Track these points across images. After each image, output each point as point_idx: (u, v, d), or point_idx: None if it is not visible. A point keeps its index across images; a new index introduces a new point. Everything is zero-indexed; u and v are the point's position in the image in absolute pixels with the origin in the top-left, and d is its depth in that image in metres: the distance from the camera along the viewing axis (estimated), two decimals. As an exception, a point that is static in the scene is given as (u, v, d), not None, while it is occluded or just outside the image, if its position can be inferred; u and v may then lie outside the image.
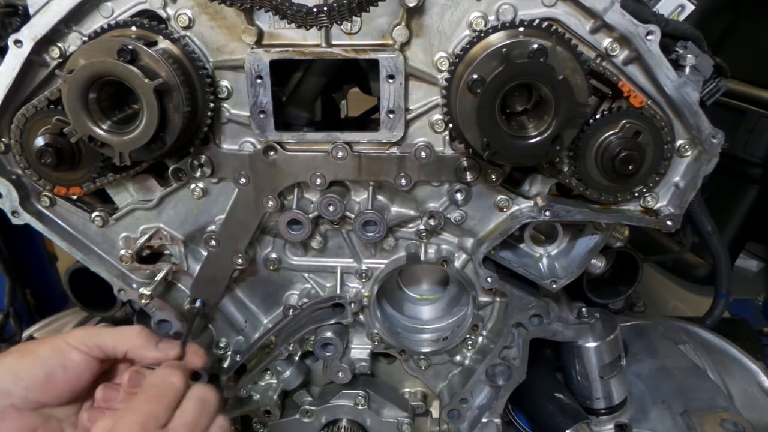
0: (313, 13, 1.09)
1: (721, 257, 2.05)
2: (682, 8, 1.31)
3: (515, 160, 1.24)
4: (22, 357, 1.13)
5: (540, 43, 1.07)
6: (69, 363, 1.14)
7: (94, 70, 1.14)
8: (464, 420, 1.63)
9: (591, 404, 1.65)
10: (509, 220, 1.38)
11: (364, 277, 1.51)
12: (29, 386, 1.11)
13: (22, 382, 1.10)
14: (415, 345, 1.57)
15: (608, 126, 1.21)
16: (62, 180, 1.36)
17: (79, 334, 1.17)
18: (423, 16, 1.20)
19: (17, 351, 1.15)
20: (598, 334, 1.59)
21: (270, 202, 1.38)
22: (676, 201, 1.31)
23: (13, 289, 2.31)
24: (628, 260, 1.65)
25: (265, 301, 1.60)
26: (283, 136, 1.32)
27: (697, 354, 1.89)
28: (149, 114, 1.15)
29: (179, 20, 1.23)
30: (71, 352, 1.15)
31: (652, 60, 1.17)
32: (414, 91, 1.27)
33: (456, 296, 1.61)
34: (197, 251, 1.50)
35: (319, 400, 1.66)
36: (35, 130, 1.29)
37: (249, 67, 1.24)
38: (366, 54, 1.22)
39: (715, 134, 1.23)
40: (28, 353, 1.14)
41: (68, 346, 1.15)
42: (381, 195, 1.42)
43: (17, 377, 1.10)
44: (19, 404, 1.11)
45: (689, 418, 1.61)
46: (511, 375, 1.56)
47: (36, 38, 1.22)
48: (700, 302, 2.44)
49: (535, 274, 1.43)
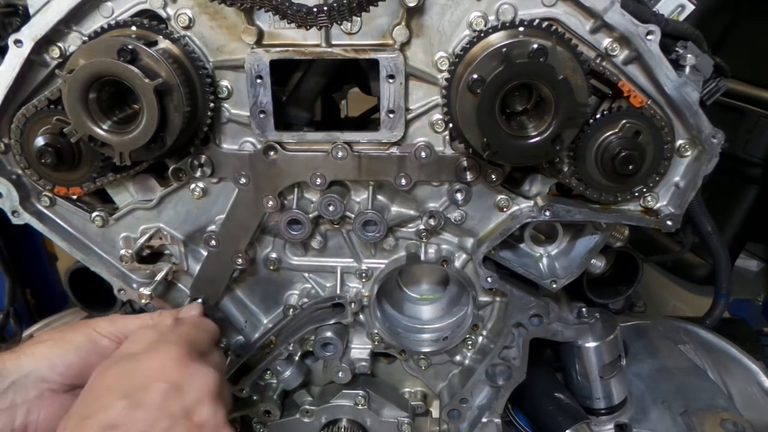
0: (313, 13, 1.09)
1: (721, 257, 2.05)
2: (682, 8, 1.31)
3: (515, 160, 1.24)
4: (55, 345, 1.20)
5: (540, 43, 1.07)
6: (101, 350, 1.20)
7: (94, 70, 1.14)
8: (464, 420, 1.63)
9: (591, 404, 1.65)
10: (509, 220, 1.38)
11: (364, 277, 1.51)
12: (64, 372, 1.17)
13: (57, 369, 1.17)
14: (415, 345, 1.57)
15: (608, 126, 1.21)
16: (62, 180, 1.36)
17: (107, 324, 1.25)
18: (423, 16, 1.20)
19: (50, 339, 1.22)
20: (598, 334, 1.59)
21: (270, 202, 1.38)
22: (676, 201, 1.31)
23: (13, 289, 2.31)
24: (628, 260, 1.65)
25: (265, 301, 1.60)
26: (283, 136, 1.32)
27: (697, 354, 1.89)
28: (149, 114, 1.15)
29: (179, 20, 1.23)
30: (102, 341, 1.22)
31: (652, 60, 1.17)
32: (414, 91, 1.27)
33: (456, 296, 1.61)
34: (197, 251, 1.50)
35: (319, 400, 1.66)
36: (35, 130, 1.29)
37: (249, 67, 1.24)
38: (366, 54, 1.22)
39: (715, 134, 1.23)
40: (61, 341, 1.21)
41: (99, 335, 1.22)
42: (381, 195, 1.42)
43: (52, 364, 1.17)
44: (56, 388, 1.18)
45: (689, 418, 1.61)
46: (511, 375, 1.56)
47: (36, 38, 1.22)
48: (700, 302, 2.43)
49: (535, 274, 1.43)
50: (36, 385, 1.16)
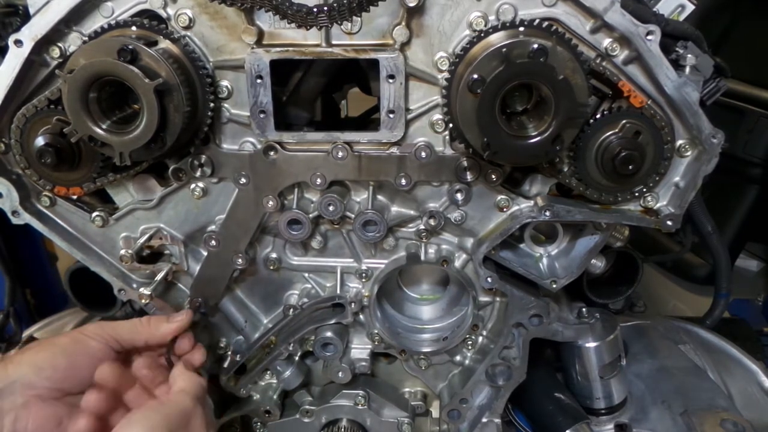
0: (313, 12, 1.09)
1: (721, 257, 2.05)
2: (682, 8, 1.31)
3: (515, 160, 1.24)
4: (41, 350, 1.18)
5: (540, 43, 1.07)
6: (89, 351, 1.19)
7: (95, 70, 1.14)
8: (464, 420, 1.63)
9: (591, 404, 1.65)
10: (509, 220, 1.38)
11: (364, 277, 1.51)
12: (51, 376, 1.15)
13: (44, 373, 1.15)
14: (415, 345, 1.57)
15: (608, 126, 1.21)
16: (62, 180, 1.36)
17: (94, 327, 1.23)
18: (423, 15, 1.20)
19: (36, 345, 1.21)
20: (598, 334, 1.59)
21: (270, 202, 1.38)
22: (676, 201, 1.31)
23: (13, 289, 2.31)
24: (628, 260, 1.65)
25: (265, 301, 1.60)
26: (283, 136, 1.32)
27: (697, 354, 1.89)
28: (149, 114, 1.15)
29: (179, 20, 1.23)
30: (89, 341, 1.20)
31: (652, 60, 1.17)
32: (414, 91, 1.27)
33: (456, 296, 1.61)
34: (197, 251, 1.50)
35: (319, 400, 1.66)
36: (35, 130, 1.29)
37: (249, 67, 1.24)
38: (366, 54, 1.22)
39: (715, 134, 1.23)
40: (47, 345, 1.19)
41: (86, 337, 1.20)
42: (381, 195, 1.42)
43: (38, 369, 1.15)
44: (44, 394, 1.15)
45: (689, 418, 1.60)
46: (511, 375, 1.56)
47: (36, 38, 1.22)
48: (700, 302, 2.43)
49: (535, 274, 1.43)
50: (23, 392, 1.13)
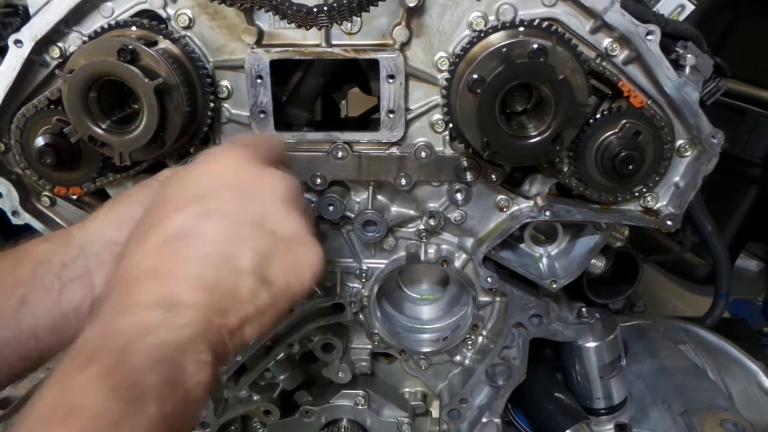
0: (313, 13, 1.09)
1: (721, 257, 2.05)
2: (682, 8, 1.31)
3: (515, 160, 1.24)
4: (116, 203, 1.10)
5: (540, 43, 1.07)
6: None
7: (95, 70, 1.13)
8: (464, 420, 1.63)
9: (591, 404, 1.65)
10: (509, 220, 1.38)
11: (364, 277, 1.50)
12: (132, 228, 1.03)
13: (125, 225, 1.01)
14: (415, 345, 1.57)
15: (608, 126, 1.21)
16: (62, 180, 1.36)
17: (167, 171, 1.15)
18: (423, 16, 1.20)
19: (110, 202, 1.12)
20: (598, 334, 1.59)
21: (270, 202, 1.37)
22: (676, 201, 1.31)
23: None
24: (628, 260, 1.65)
25: (265, 301, 1.59)
26: (283, 136, 1.32)
27: (697, 354, 1.89)
28: (149, 114, 1.15)
29: (179, 20, 1.23)
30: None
31: (652, 60, 1.17)
32: (414, 91, 1.27)
33: (456, 296, 1.61)
34: (197, 251, 1.49)
35: (319, 400, 1.66)
36: (35, 130, 1.29)
37: (249, 67, 1.24)
38: (366, 54, 1.22)
39: (715, 134, 1.23)
40: (121, 199, 1.11)
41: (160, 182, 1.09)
42: (381, 195, 1.42)
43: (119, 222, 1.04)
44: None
45: (689, 418, 1.60)
46: (511, 375, 1.56)
47: (36, 38, 1.22)
48: (700, 302, 2.43)
49: (535, 274, 1.43)
50: (108, 248, 1.03)
